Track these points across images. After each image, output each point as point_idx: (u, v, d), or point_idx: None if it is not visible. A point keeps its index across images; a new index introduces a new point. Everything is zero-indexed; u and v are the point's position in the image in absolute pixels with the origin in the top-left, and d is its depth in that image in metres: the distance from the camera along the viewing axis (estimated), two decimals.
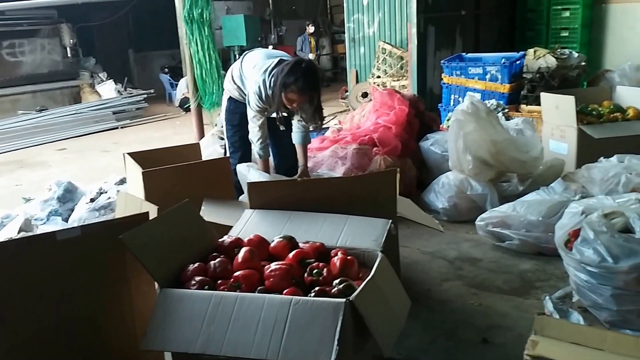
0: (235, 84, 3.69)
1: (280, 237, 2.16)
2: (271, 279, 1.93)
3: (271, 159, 3.78)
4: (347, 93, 9.36)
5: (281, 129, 3.58)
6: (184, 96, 10.71)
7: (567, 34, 8.88)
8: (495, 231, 3.44)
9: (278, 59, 3.48)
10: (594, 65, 8.69)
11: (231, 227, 2.35)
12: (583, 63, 7.03)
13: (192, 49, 5.67)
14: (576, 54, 7.08)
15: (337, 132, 4.84)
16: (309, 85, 3.31)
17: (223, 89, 3.98)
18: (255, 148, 3.60)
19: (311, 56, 12.61)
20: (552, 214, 3.19)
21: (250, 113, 3.54)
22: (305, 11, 15.42)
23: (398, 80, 8.16)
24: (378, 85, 7.96)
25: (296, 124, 3.64)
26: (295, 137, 3.67)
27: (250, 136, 3.61)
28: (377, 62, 8.43)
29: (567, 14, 8.85)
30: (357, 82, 8.91)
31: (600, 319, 2.47)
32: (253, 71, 3.51)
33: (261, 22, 13.00)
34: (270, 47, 11.87)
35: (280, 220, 2.35)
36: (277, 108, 3.40)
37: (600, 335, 2.13)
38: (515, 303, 2.82)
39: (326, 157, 4.22)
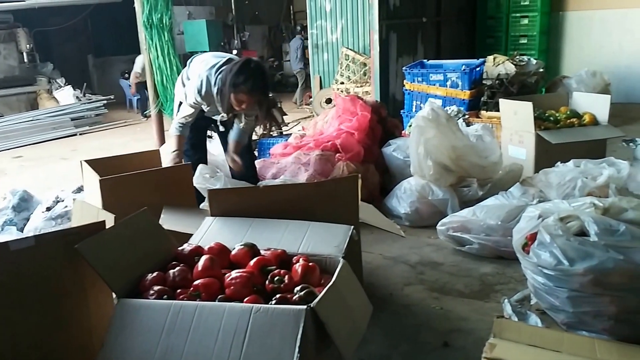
0: (184, 87, 3.64)
1: (241, 245, 2.14)
2: (232, 287, 1.90)
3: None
4: (311, 99, 9.37)
5: (221, 129, 3.53)
6: (138, 80, 10.48)
7: (525, 41, 9.11)
8: (456, 235, 3.48)
9: (227, 57, 3.45)
10: (552, 71, 8.94)
11: (191, 235, 2.32)
12: (541, 70, 7.20)
13: (152, 54, 5.60)
14: (534, 61, 7.25)
15: (300, 138, 4.84)
16: (258, 86, 3.28)
17: None
18: (174, 125, 3.55)
19: None
20: (510, 218, 3.25)
21: (185, 107, 3.50)
22: (269, 17, 15.42)
23: (361, 86, 8.22)
24: (341, 92, 8.00)
25: (236, 123, 3.62)
26: (232, 133, 3.65)
27: (175, 117, 3.55)
28: (341, 68, 8.47)
29: (525, 21, 9.08)
30: (321, 88, 8.93)
31: (557, 321, 2.52)
32: (200, 66, 3.47)
33: (224, 28, 12.91)
34: (234, 52, 11.80)
35: (242, 228, 2.33)
36: (225, 108, 3.35)
37: (557, 337, 2.17)
38: (475, 306, 2.85)
39: (289, 163, 4.21)
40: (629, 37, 8.81)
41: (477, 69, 6.27)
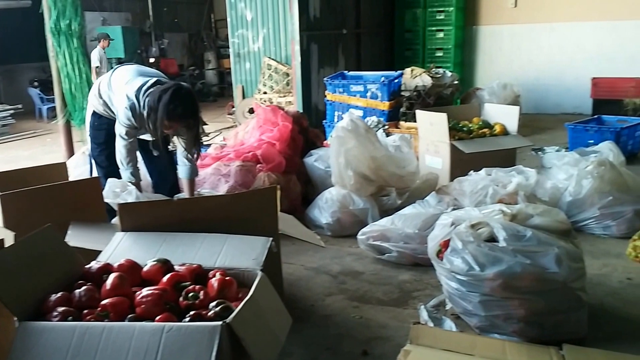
0: (101, 98, 3.49)
1: (153, 261, 2.06)
2: (142, 306, 1.83)
3: (149, 178, 3.62)
4: (233, 109, 9.28)
5: (154, 154, 3.46)
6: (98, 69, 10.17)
7: (441, 54, 9.48)
8: (376, 244, 3.53)
9: (155, 79, 3.37)
10: (467, 83, 9.36)
11: (100, 251, 2.21)
12: (456, 82, 7.51)
13: (60, 62, 5.34)
14: (449, 73, 7.54)
15: (220, 148, 4.76)
16: (190, 112, 3.27)
17: None
18: (125, 172, 3.43)
19: None
20: (427, 226, 3.33)
21: (120, 129, 3.38)
22: (189, 24, 15.18)
23: (284, 96, 8.23)
24: (264, 101, 7.98)
25: (180, 158, 3.57)
26: (181, 171, 3.59)
27: (118, 157, 3.43)
28: (263, 78, 8.46)
29: (441, 35, 9.45)
30: (243, 97, 8.88)
31: (471, 324, 2.60)
32: (125, 87, 3.36)
33: (141, 35, 12.60)
34: (152, 59, 11.52)
35: (155, 243, 2.25)
36: (158, 134, 3.28)
37: (470, 340, 2.24)
38: (394, 314, 2.89)
39: (208, 174, 4.13)
40: (537, 51, 9.36)
41: (396, 80, 6.44)
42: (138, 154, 3.54)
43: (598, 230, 3.81)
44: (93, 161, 3.67)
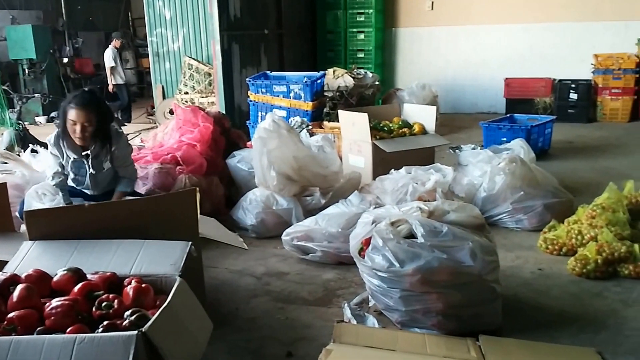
0: None
1: (64, 270, 1.97)
2: (52, 318, 1.75)
3: None
4: (153, 109, 9.04)
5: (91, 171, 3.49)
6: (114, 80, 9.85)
7: (363, 55, 9.65)
8: (300, 245, 3.53)
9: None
10: (388, 84, 9.56)
11: (6, 262, 2.09)
12: (377, 82, 7.64)
13: None
14: (371, 74, 7.67)
15: (138, 150, 4.61)
16: (87, 99, 3.33)
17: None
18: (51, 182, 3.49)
19: None
20: (350, 225, 3.35)
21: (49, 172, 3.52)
22: (105, 23, 14.65)
23: (207, 96, 8.11)
24: (185, 102, 7.82)
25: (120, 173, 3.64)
26: (119, 185, 3.63)
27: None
28: (184, 78, 8.29)
29: (362, 36, 9.61)
30: (164, 97, 8.67)
31: (392, 320, 2.65)
32: None
33: (54, 34, 12.04)
34: (66, 59, 11.05)
35: (66, 251, 2.14)
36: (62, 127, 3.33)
37: (392, 336, 2.29)
38: (319, 313, 2.90)
39: None
40: (454, 53, 9.71)
41: (318, 81, 6.47)
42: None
43: (511, 224, 3.99)
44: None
